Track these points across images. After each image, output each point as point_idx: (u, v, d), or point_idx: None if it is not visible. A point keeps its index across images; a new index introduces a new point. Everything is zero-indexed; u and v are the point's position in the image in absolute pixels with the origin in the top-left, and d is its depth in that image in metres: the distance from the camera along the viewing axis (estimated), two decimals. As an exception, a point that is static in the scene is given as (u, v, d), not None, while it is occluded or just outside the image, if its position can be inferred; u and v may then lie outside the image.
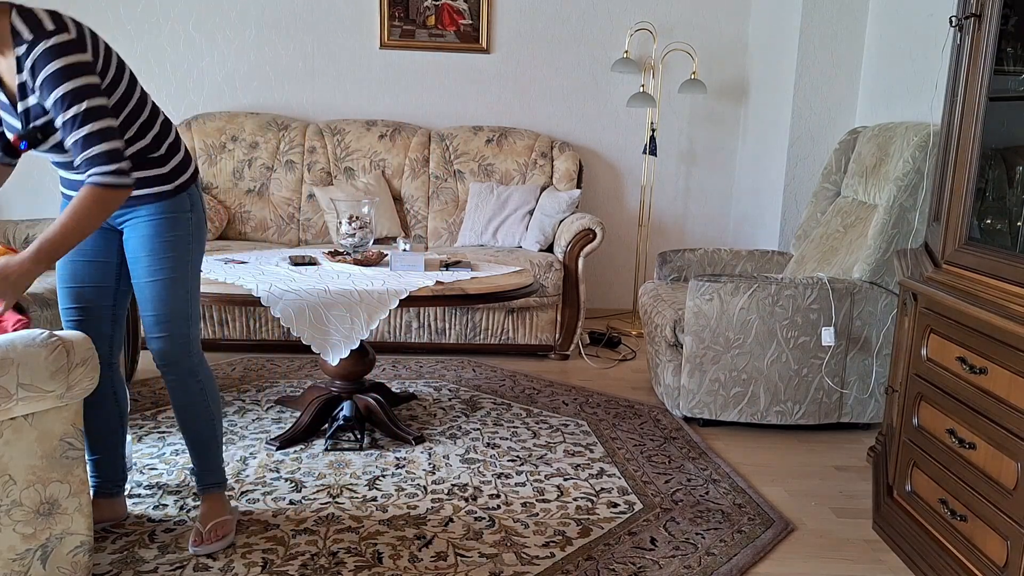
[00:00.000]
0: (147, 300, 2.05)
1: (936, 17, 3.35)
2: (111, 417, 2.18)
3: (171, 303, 2.05)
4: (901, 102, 3.63)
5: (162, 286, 2.03)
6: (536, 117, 4.74)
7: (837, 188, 3.56)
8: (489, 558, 2.12)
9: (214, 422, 2.19)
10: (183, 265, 2.07)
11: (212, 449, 2.21)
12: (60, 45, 1.76)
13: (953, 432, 2.01)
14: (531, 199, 4.28)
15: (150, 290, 2.04)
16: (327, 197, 4.18)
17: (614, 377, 3.77)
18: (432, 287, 2.70)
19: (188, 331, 2.09)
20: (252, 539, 2.17)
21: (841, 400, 3.05)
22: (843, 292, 2.96)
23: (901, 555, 2.22)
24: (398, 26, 4.56)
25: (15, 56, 1.78)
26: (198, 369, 2.13)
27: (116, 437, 2.20)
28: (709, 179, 4.90)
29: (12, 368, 1.61)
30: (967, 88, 2.07)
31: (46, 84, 1.76)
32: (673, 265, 3.74)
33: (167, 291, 2.04)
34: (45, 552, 1.74)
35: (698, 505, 2.47)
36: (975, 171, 2.03)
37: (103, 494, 2.20)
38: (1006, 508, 1.79)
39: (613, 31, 4.67)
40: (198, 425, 2.17)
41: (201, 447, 2.19)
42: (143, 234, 2.03)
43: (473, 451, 2.81)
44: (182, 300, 2.07)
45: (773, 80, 4.36)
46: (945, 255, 2.13)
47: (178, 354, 2.08)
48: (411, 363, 3.82)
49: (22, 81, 1.80)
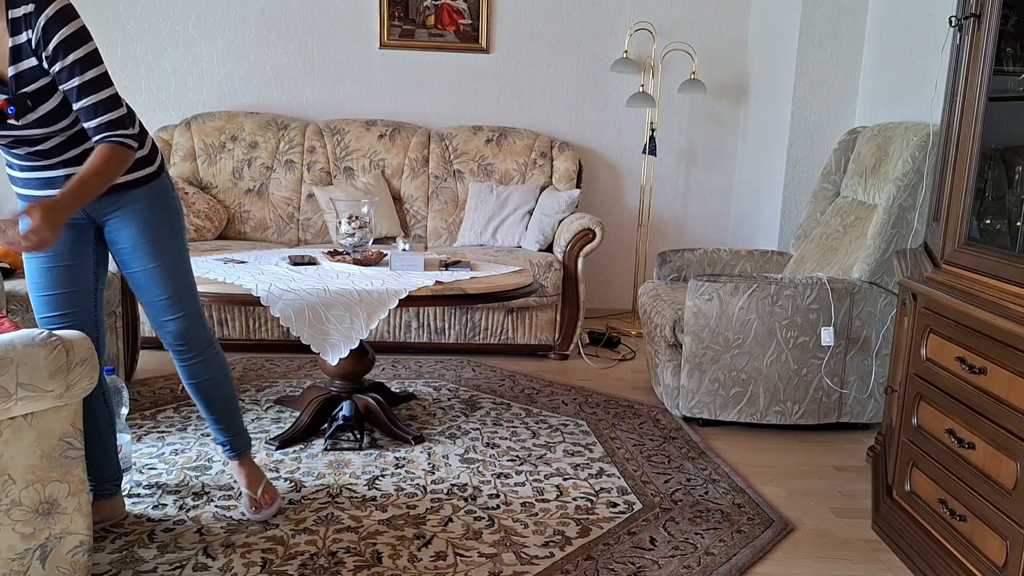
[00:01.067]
0: (156, 285, 2.05)
1: (936, 17, 3.35)
2: (101, 418, 2.17)
3: (180, 282, 2.09)
4: (901, 102, 3.63)
5: (170, 268, 2.06)
6: (536, 117, 4.74)
7: (836, 188, 3.57)
8: (488, 558, 2.12)
9: (233, 385, 2.29)
10: (181, 243, 2.11)
11: (238, 412, 2.30)
12: (70, 7, 1.76)
13: (952, 432, 2.01)
14: (531, 199, 4.28)
15: (158, 274, 2.05)
16: (327, 197, 4.18)
17: (614, 377, 3.77)
18: (432, 287, 2.70)
19: (199, 306, 2.14)
20: (252, 539, 2.17)
21: (840, 400, 3.05)
22: (842, 292, 2.96)
23: (900, 555, 2.22)
24: (398, 26, 4.56)
25: (11, 18, 1.74)
26: (212, 340, 2.20)
27: (107, 438, 2.20)
28: (709, 179, 4.90)
29: (11, 368, 1.61)
30: (967, 88, 2.07)
31: (62, 46, 1.74)
32: (673, 265, 3.74)
33: (175, 271, 2.07)
34: (44, 552, 1.74)
35: (697, 505, 2.47)
36: (974, 171, 2.03)
37: (99, 495, 2.20)
38: (1005, 508, 1.79)
39: (613, 31, 4.67)
40: (224, 391, 2.25)
41: (230, 413, 2.27)
42: (140, 220, 2.02)
43: (472, 451, 2.81)
44: (188, 277, 2.12)
45: (773, 80, 4.36)
46: (944, 255, 2.13)
47: (196, 329, 2.14)
48: (411, 363, 3.82)
49: (18, 44, 1.75)
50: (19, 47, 1.76)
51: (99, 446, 2.18)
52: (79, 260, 2.06)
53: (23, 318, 2.73)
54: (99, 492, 2.20)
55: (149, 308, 2.10)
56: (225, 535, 2.18)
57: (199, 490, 2.44)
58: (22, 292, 2.82)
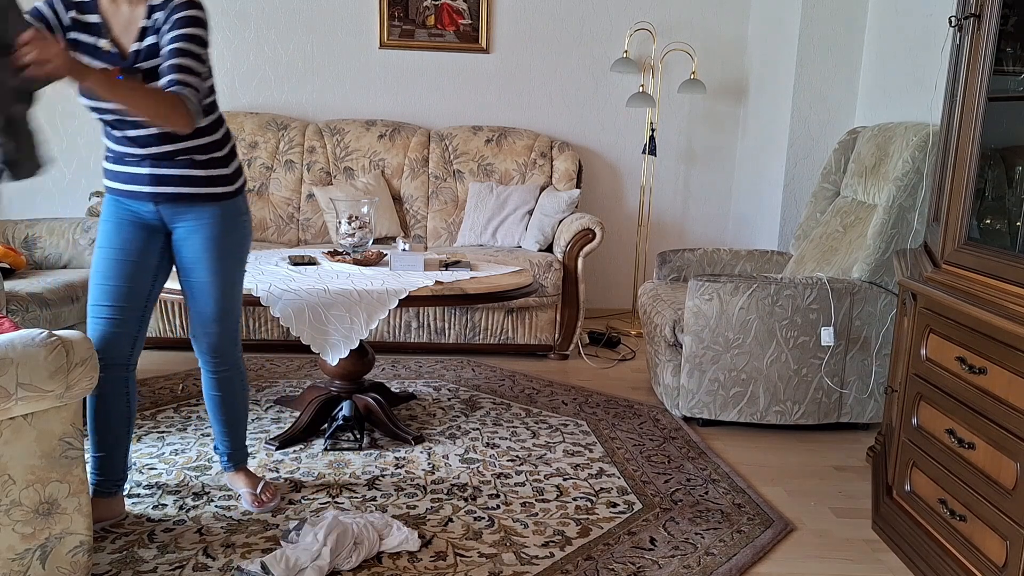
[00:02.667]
0: (206, 298, 2.16)
1: (936, 17, 3.35)
2: (121, 416, 2.19)
3: (229, 301, 2.20)
4: (901, 102, 3.63)
5: (223, 286, 2.18)
6: (535, 117, 4.74)
7: (836, 188, 3.57)
8: (488, 558, 2.12)
9: (248, 404, 2.41)
10: (240, 265, 2.23)
11: (245, 428, 2.41)
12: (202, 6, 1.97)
13: (952, 432, 2.01)
14: (530, 199, 4.28)
15: (211, 290, 2.16)
16: (326, 197, 4.18)
17: (613, 377, 3.77)
18: (431, 287, 2.70)
19: (239, 326, 2.28)
20: (252, 539, 2.17)
21: (840, 400, 3.05)
22: (842, 292, 2.96)
23: (900, 555, 2.22)
24: (397, 26, 4.56)
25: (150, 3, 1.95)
26: (240, 359, 2.33)
27: (123, 439, 2.21)
28: (708, 179, 4.90)
29: (11, 368, 1.61)
30: (966, 88, 2.07)
31: (178, 23, 1.90)
32: (672, 265, 3.74)
33: (228, 290, 2.19)
34: (44, 552, 1.74)
35: (697, 505, 2.47)
36: (974, 171, 2.03)
37: (101, 493, 2.20)
38: (1005, 508, 1.79)
39: (613, 31, 4.67)
40: (239, 408, 2.36)
41: (238, 428, 2.38)
42: (208, 235, 2.12)
43: (472, 451, 2.81)
44: (237, 299, 2.24)
45: (773, 80, 4.36)
46: (944, 255, 2.13)
47: (229, 347, 2.26)
48: (410, 363, 3.82)
49: (147, 25, 1.95)
50: (147, 28, 1.95)
51: (113, 445, 2.19)
52: (143, 260, 2.14)
53: (23, 318, 2.73)
54: (102, 490, 2.20)
55: (193, 316, 2.21)
56: (225, 535, 2.18)
57: (199, 490, 2.44)
58: (22, 292, 2.82)
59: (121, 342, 2.13)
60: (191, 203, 2.09)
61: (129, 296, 2.12)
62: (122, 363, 2.15)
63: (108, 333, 2.11)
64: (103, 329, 2.11)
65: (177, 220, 2.12)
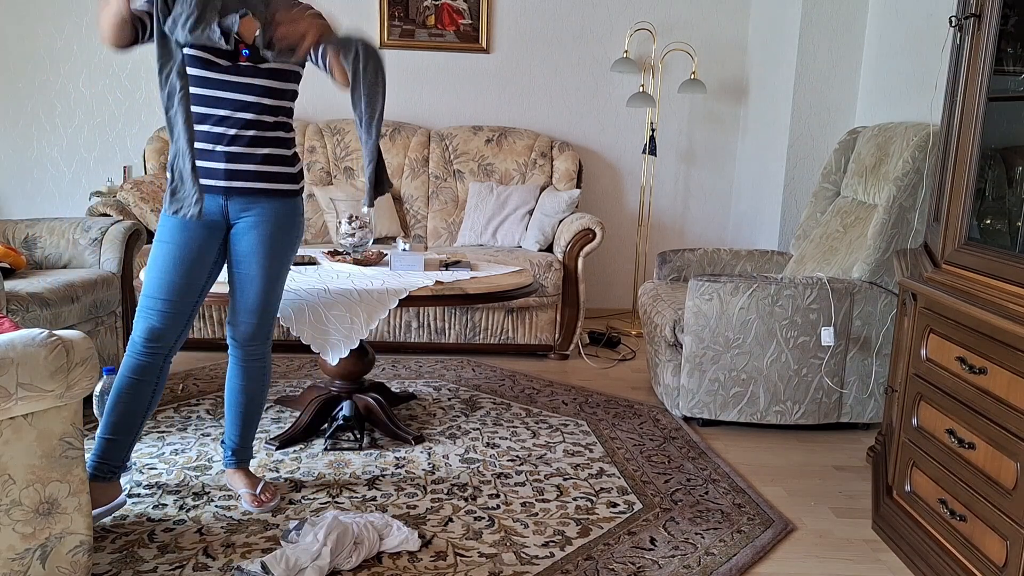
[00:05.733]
0: (251, 289, 2.23)
1: (936, 17, 3.35)
2: (143, 406, 2.20)
3: (271, 296, 2.28)
4: (901, 102, 3.63)
5: (270, 280, 2.25)
6: (536, 117, 4.74)
7: (837, 188, 3.57)
8: (489, 558, 2.12)
9: (265, 402, 2.45)
10: (288, 264, 2.30)
11: (256, 426, 2.43)
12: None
13: (952, 432, 2.02)
14: (531, 199, 4.28)
15: (258, 283, 2.23)
16: (327, 197, 4.18)
17: (614, 377, 3.77)
18: (432, 287, 2.70)
19: (274, 320, 2.34)
20: (252, 539, 2.17)
21: (840, 400, 3.05)
22: (843, 292, 2.96)
23: (900, 555, 2.22)
24: (398, 26, 4.56)
25: None
26: (269, 354, 2.37)
27: (136, 425, 2.22)
28: (709, 179, 4.90)
29: (11, 368, 1.61)
30: (967, 88, 2.07)
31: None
32: (673, 265, 3.74)
33: (272, 286, 2.26)
34: (44, 552, 1.74)
35: (697, 505, 2.47)
36: (975, 171, 2.03)
37: (98, 477, 2.17)
38: (1005, 508, 1.79)
39: (613, 31, 4.67)
40: (257, 403, 2.39)
41: (251, 424, 2.40)
42: (267, 231, 2.20)
43: (472, 451, 2.81)
44: (279, 295, 2.31)
45: (773, 80, 4.36)
46: (945, 255, 2.13)
47: (261, 338, 2.31)
48: (411, 363, 3.82)
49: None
50: None
51: (124, 430, 2.19)
52: (203, 256, 2.19)
53: (23, 318, 2.73)
54: (99, 474, 2.17)
55: (234, 304, 2.28)
56: (225, 535, 2.19)
57: (199, 490, 2.44)
58: (22, 292, 2.82)
59: (168, 335, 2.17)
60: (260, 198, 2.19)
61: (184, 291, 2.17)
62: (163, 355, 2.19)
63: (158, 324, 2.15)
64: (153, 321, 2.15)
65: (242, 214, 2.20)
